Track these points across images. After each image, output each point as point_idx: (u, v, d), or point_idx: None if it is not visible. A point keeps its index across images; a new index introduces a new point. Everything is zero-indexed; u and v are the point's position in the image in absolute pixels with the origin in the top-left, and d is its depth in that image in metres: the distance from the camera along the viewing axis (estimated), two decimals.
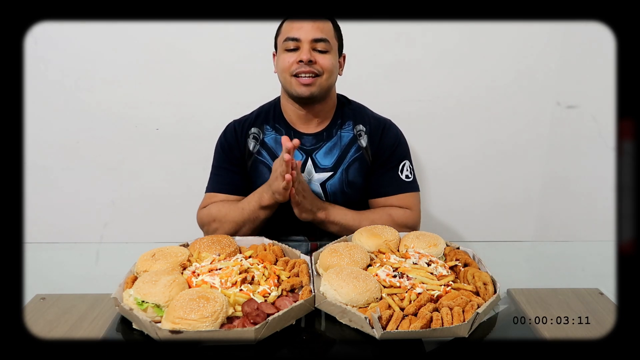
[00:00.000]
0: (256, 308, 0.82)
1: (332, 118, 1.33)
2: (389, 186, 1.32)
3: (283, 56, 1.22)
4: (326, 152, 1.31)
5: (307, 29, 1.19)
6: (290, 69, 1.21)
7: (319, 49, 1.21)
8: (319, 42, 1.20)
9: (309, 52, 1.19)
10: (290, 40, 1.20)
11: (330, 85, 1.26)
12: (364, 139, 1.32)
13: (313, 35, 1.19)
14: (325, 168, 1.31)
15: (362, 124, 1.34)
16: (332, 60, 1.23)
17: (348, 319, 0.84)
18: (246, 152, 1.33)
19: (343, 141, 1.32)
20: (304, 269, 0.96)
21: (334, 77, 1.26)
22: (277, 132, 1.32)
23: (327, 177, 1.30)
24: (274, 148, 1.32)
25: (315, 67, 1.20)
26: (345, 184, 1.31)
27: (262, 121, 1.35)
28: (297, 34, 1.20)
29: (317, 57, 1.21)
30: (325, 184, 1.31)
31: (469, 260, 1.01)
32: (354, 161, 1.31)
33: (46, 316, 0.87)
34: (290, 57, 1.21)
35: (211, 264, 0.95)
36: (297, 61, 1.20)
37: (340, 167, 1.31)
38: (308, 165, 1.30)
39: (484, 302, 0.84)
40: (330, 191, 1.30)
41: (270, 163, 1.31)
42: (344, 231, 1.22)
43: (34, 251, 0.87)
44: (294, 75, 1.21)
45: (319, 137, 1.32)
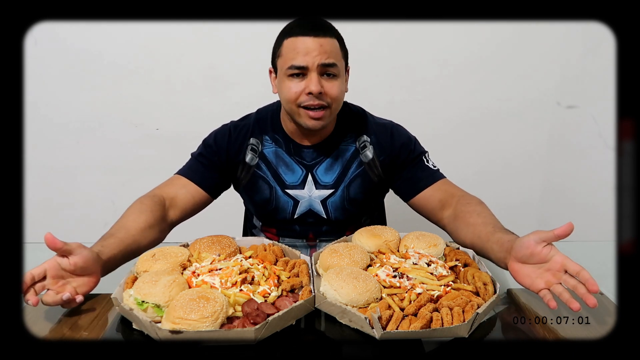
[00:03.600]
0: (256, 308, 0.82)
1: (332, 130, 1.28)
2: (423, 179, 1.24)
3: (288, 84, 1.13)
4: (327, 168, 1.27)
5: (313, 54, 1.09)
6: (297, 100, 1.12)
7: (327, 73, 1.12)
8: (328, 68, 1.11)
9: (318, 84, 1.10)
10: (295, 69, 1.10)
11: (338, 110, 1.20)
12: (369, 150, 1.26)
13: (320, 61, 1.09)
14: (326, 185, 1.27)
15: (366, 134, 1.28)
16: (340, 87, 1.15)
17: (348, 319, 0.84)
18: (240, 162, 1.27)
19: (344, 156, 1.27)
20: (304, 269, 0.96)
21: (341, 102, 1.20)
22: (277, 145, 1.27)
23: (328, 194, 1.27)
24: (273, 162, 1.26)
25: (325, 99, 1.12)
26: (346, 201, 1.27)
27: (261, 131, 1.28)
28: (302, 61, 1.09)
29: (326, 86, 1.11)
30: (326, 202, 1.27)
31: (469, 260, 1.01)
32: (355, 177, 1.27)
33: (46, 316, 0.87)
34: (296, 87, 1.11)
35: (211, 264, 0.95)
36: (306, 93, 1.11)
37: (341, 184, 1.27)
38: (308, 181, 1.26)
39: (484, 302, 0.84)
40: (331, 209, 1.28)
41: (269, 178, 1.26)
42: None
43: (34, 251, 0.87)
44: (302, 107, 1.13)
45: (319, 150, 1.26)
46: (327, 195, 1.27)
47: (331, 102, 1.14)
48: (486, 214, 1.10)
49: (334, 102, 1.15)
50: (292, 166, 1.27)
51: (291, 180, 1.27)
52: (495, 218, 1.09)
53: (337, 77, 1.14)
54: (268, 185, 1.27)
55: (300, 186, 1.27)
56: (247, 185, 1.30)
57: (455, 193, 1.21)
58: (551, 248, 0.87)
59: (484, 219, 1.07)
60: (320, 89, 1.10)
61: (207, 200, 1.28)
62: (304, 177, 1.27)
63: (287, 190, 1.27)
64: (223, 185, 1.31)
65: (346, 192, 1.27)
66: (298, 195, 1.27)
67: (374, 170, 1.27)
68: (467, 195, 1.20)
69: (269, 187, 1.27)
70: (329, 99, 1.13)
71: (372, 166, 1.27)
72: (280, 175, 1.27)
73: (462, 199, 1.18)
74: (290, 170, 1.27)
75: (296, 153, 1.27)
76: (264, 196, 1.28)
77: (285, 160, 1.27)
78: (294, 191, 1.27)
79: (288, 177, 1.27)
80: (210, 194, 1.27)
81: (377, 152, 1.27)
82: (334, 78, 1.13)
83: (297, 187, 1.27)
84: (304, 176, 1.27)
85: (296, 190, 1.27)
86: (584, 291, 0.81)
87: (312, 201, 1.27)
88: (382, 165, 1.27)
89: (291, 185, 1.27)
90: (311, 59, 1.09)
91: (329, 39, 1.11)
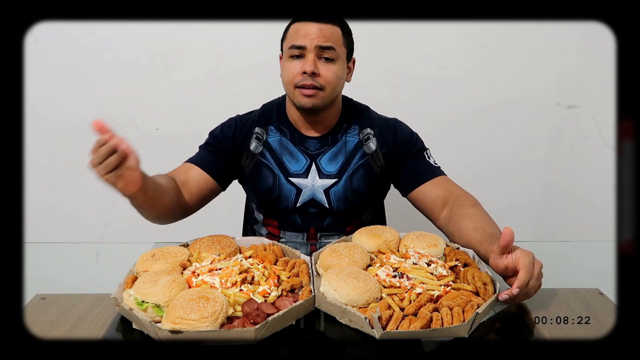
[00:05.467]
0: (256, 308, 0.82)
1: (337, 122, 1.31)
2: (423, 174, 1.27)
3: (287, 65, 1.19)
4: (331, 158, 1.29)
5: (312, 36, 1.15)
6: (294, 80, 1.17)
7: (325, 57, 1.17)
8: (325, 50, 1.16)
9: (313, 64, 1.15)
10: (294, 48, 1.17)
11: (335, 97, 1.23)
12: (372, 142, 1.29)
13: (318, 43, 1.15)
14: (329, 174, 1.28)
15: (370, 127, 1.31)
16: (337, 72, 1.18)
17: (348, 319, 0.84)
18: (245, 150, 1.31)
19: (348, 147, 1.29)
20: (304, 269, 0.96)
21: (338, 88, 1.22)
22: (282, 134, 1.30)
23: (331, 184, 1.28)
24: (278, 151, 1.29)
25: (318, 81, 1.16)
26: (349, 191, 1.28)
27: (266, 121, 1.32)
28: (302, 41, 1.15)
29: (321, 69, 1.16)
30: (329, 191, 1.28)
31: (468, 260, 1.01)
32: (358, 168, 1.29)
33: (46, 316, 0.87)
34: (295, 67, 1.17)
35: (211, 264, 0.95)
36: (301, 72, 1.16)
37: (344, 174, 1.28)
38: (312, 170, 1.28)
39: (483, 302, 0.84)
40: (334, 198, 1.29)
41: (273, 166, 1.28)
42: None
43: (34, 251, 0.87)
44: (297, 87, 1.18)
45: (323, 141, 1.29)
46: (330, 185, 1.28)
47: (324, 85, 1.17)
48: (477, 218, 1.12)
49: (328, 85, 1.18)
50: (296, 155, 1.29)
51: (295, 168, 1.28)
52: (486, 221, 1.11)
53: (335, 61, 1.18)
54: (272, 173, 1.29)
55: (304, 175, 1.28)
56: (251, 174, 1.31)
57: (453, 191, 1.23)
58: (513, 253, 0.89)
59: (475, 223, 1.10)
60: (313, 69, 1.15)
61: (216, 189, 1.30)
62: (308, 166, 1.28)
63: (290, 179, 1.28)
64: (230, 174, 1.34)
65: (349, 182, 1.28)
66: (301, 184, 1.28)
67: (377, 162, 1.30)
68: (463, 196, 1.21)
69: (273, 174, 1.28)
70: (323, 81, 1.17)
71: (375, 158, 1.29)
72: (284, 164, 1.28)
73: (457, 199, 1.19)
74: (295, 159, 1.28)
75: (300, 143, 1.29)
76: (267, 184, 1.29)
77: (289, 149, 1.29)
78: (297, 179, 1.28)
79: (292, 166, 1.28)
80: (219, 181, 1.29)
81: (380, 144, 1.30)
82: (330, 62, 1.17)
83: (301, 175, 1.28)
84: (307, 165, 1.28)
85: (299, 179, 1.28)
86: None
87: (315, 190, 1.28)
88: (385, 158, 1.30)
89: (295, 174, 1.28)
90: (309, 40, 1.15)
91: (330, 26, 1.17)
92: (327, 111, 1.27)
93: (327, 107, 1.24)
